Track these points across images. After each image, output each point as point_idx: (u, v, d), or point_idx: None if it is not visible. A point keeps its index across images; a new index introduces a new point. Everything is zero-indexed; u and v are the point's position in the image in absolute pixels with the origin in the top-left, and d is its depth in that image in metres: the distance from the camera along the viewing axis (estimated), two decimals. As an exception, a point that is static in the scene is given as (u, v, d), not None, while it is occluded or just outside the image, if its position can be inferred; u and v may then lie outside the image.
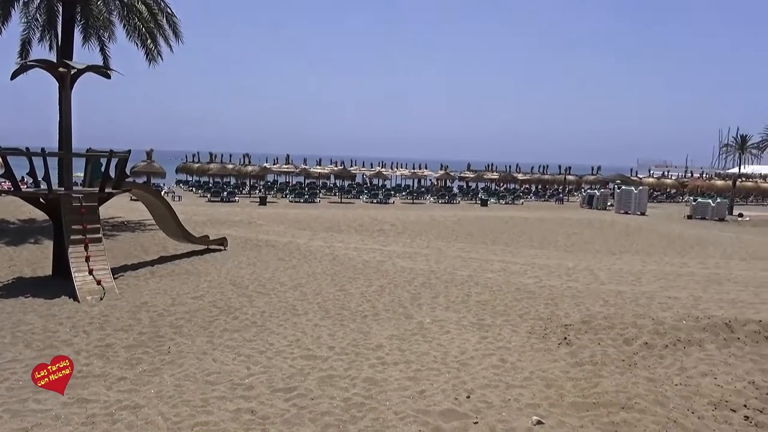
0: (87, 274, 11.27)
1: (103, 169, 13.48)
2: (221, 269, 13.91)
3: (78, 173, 23.00)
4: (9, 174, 12.47)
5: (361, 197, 40.92)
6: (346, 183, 45.96)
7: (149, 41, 21.23)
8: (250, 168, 41.83)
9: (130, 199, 28.71)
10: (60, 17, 20.95)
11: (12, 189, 12.58)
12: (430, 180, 50.23)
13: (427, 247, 18.64)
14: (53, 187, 12.53)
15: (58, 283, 11.93)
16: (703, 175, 56.63)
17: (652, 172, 62.03)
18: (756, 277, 14.94)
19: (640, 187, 37.25)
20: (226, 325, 9.40)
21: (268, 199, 35.92)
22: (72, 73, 12.94)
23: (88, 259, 11.50)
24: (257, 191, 42.18)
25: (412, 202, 40.76)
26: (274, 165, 45.04)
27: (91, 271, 11.33)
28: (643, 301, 11.65)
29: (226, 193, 37.60)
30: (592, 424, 5.95)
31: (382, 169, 47.82)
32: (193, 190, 44.63)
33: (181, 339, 8.68)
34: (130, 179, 21.60)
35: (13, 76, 14.67)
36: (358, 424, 5.93)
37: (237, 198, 37.20)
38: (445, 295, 11.88)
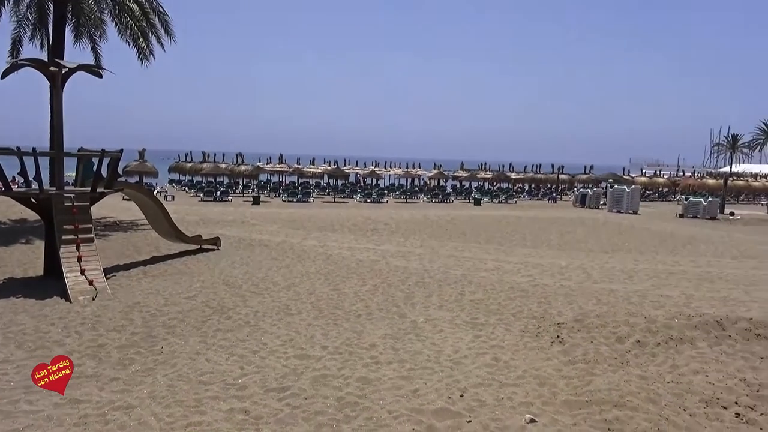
0: (79, 274, 11.23)
1: (94, 168, 13.42)
2: (214, 269, 13.88)
3: (69, 173, 22.87)
4: (-1, 174, 12.38)
5: (354, 196, 40.91)
6: (340, 182, 45.96)
7: (141, 40, 21.16)
8: (243, 167, 41.73)
9: (122, 199, 28.56)
10: (51, 16, 20.85)
11: (3, 189, 12.49)
12: (423, 180, 50.28)
13: (420, 246, 18.66)
14: (44, 186, 12.47)
15: (49, 284, 11.86)
16: (695, 174, 56.94)
17: (644, 171, 62.29)
18: (747, 275, 15.04)
19: (633, 186, 37.41)
20: (219, 325, 9.38)
21: (261, 199, 35.85)
22: (63, 72, 12.87)
23: (80, 259, 11.45)
24: (250, 191, 42.08)
25: (405, 201, 40.78)
26: (268, 164, 44.95)
27: (83, 272, 11.28)
28: (636, 299, 11.71)
29: (219, 192, 37.49)
30: (584, 422, 5.98)
31: (376, 169, 47.82)
32: (186, 189, 44.47)
33: (173, 339, 8.66)
34: (123, 179, 21.47)
35: (4, 75, 14.57)
36: (351, 424, 5.93)
37: (230, 197, 37.11)
38: (438, 294, 11.90)
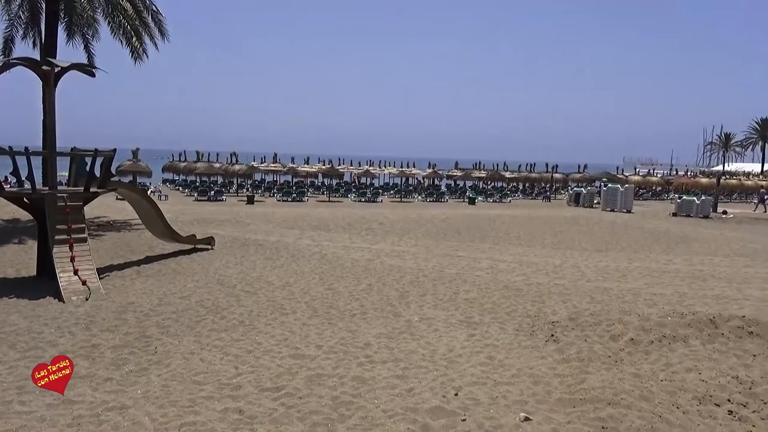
0: (72, 274, 11.17)
1: (88, 168, 13.36)
2: (208, 269, 13.84)
3: (63, 172, 22.79)
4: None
5: (349, 196, 40.86)
6: (334, 182, 45.90)
7: (134, 39, 21.09)
8: (237, 167, 41.62)
9: (116, 199, 28.46)
10: (43, 14, 20.75)
11: (-5, 189, 12.44)
12: (418, 179, 50.29)
13: (415, 245, 18.67)
14: (37, 186, 12.40)
15: (42, 284, 11.81)
16: (688, 173, 57.18)
17: (638, 170, 62.55)
18: (739, 273, 15.13)
19: (626, 185, 37.53)
20: (213, 325, 9.36)
21: (255, 198, 35.76)
22: (56, 71, 12.81)
23: (73, 259, 11.40)
24: (245, 190, 41.99)
25: (400, 200, 40.78)
26: (262, 164, 44.84)
27: (76, 272, 11.23)
28: (629, 297, 11.77)
29: (213, 192, 37.38)
30: (578, 420, 6.00)
31: (370, 168, 47.80)
32: (180, 189, 44.32)
33: (168, 339, 8.63)
34: (116, 178, 21.43)
35: (-4, 74, 14.49)
36: (346, 423, 5.93)
37: (224, 197, 37.00)
38: (433, 293, 11.91)
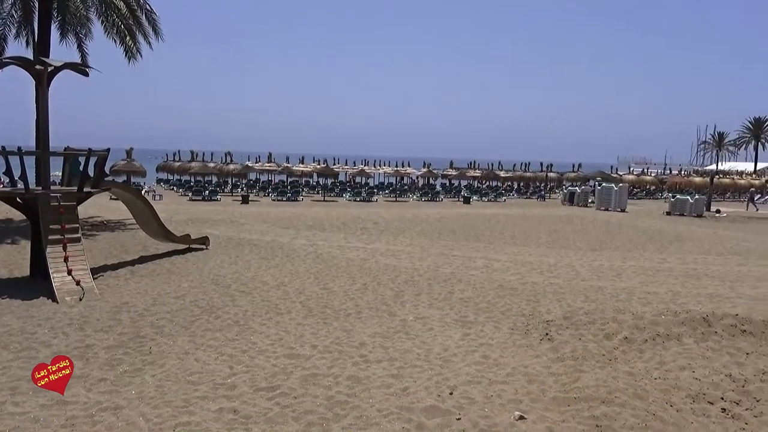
0: (66, 274, 11.11)
1: (81, 168, 13.30)
2: (203, 268, 13.81)
3: (56, 172, 22.64)
4: (-16, 173, 12.26)
5: (344, 195, 40.84)
6: (329, 181, 45.86)
7: (128, 38, 21.00)
8: (231, 166, 41.53)
9: (110, 199, 28.36)
10: (36, 13, 20.63)
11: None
12: (412, 178, 50.28)
13: (410, 244, 18.68)
14: (30, 186, 12.34)
15: (36, 284, 11.75)
16: (682, 172, 57.44)
17: (632, 169, 62.83)
18: (733, 271, 15.22)
19: (621, 184, 37.66)
20: (208, 325, 9.34)
21: (250, 198, 35.71)
22: (49, 70, 12.73)
23: (66, 259, 11.34)
24: (239, 190, 41.90)
25: (395, 200, 40.80)
26: (257, 163, 44.75)
27: (70, 272, 11.17)
28: (623, 296, 11.81)
29: (207, 191, 37.28)
30: (573, 419, 6.02)
31: (365, 167, 47.78)
32: (175, 188, 44.20)
33: (162, 339, 8.61)
34: (110, 178, 21.30)
35: (-12, 74, 14.41)
36: (341, 422, 5.93)
37: (219, 197, 36.90)
38: (428, 292, 11.92)
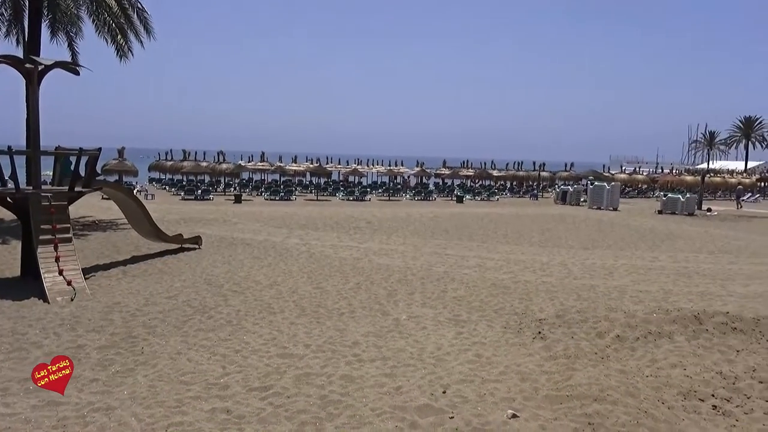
0: (57, 274, 11.04)
1: (72, 167, 13.22)
2: (195, 268, 13.76)
3: (47, 172, 22.50)
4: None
5: (337, 195, 40.81)
6: (322, 180, 45.79)
7: (119, 37, 20.90)
8: (224, 166, 41.39)
9: (101, 198, 28.19)
10: (26, 12, 20.49)
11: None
12: (404, 177, 50.29)
13: (403, 243, 18.69)
14: (21, 186, 12.25)
15: (27, 284, 11.67)
16: (673, 171, 57.77)
17: (624, 168, 63.09)
18: (723, 270, 15.32)
19: (613, 183, 37.83)
20: (200, 325, 9.31)
21: (243, 197, 35.61)
22: (39, 69, 12.65)
23: (57, 259, 11.27)
24: (232, 189, 41.76)
25: (388, 199, 40.80)
26: (249, 163, 44.62)
27: (61, 272, 11.10)
28: (615, 294, 11.87)
29: (200, 191, 37.14)
30: (565, 417, 6.05)
31: (358, 167, 47.75)
32: (167, 188, 44.02)
33: (154, 339, 8.57)
34: (101, 178, 21.19)
35: (-22, 73, 14.29)
36: (334, 422, 5.93)
37: (211, 196, 36.77)
38: (421, 291, 11.93)
